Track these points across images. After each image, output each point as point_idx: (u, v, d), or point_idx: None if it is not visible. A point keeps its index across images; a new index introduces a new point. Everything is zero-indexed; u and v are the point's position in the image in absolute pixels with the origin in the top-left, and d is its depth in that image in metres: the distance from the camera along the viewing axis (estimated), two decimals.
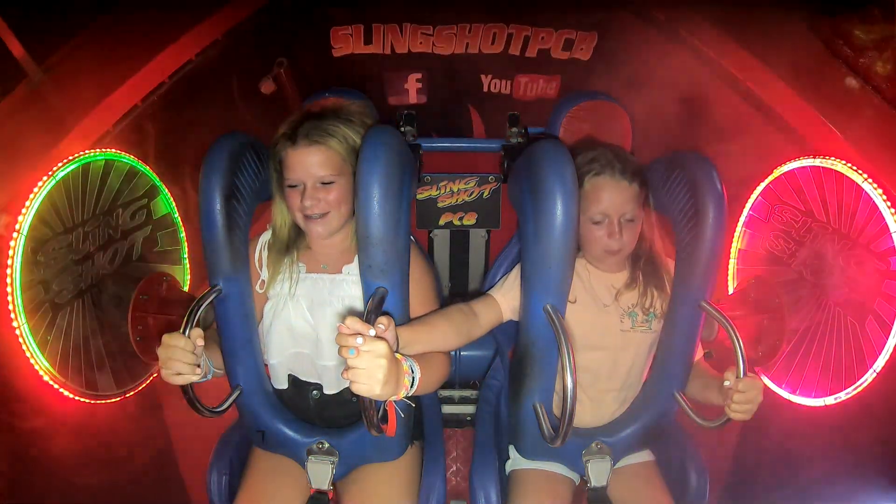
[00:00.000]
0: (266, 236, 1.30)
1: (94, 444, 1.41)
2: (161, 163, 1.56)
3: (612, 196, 1.23)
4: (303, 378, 1.31)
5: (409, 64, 2.32)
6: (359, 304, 1.23)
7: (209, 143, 1.19)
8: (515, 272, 1.30)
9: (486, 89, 2.42)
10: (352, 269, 1.25)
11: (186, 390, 1.11)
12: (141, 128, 1.50)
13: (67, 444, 1.34)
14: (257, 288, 1.27)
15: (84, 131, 1.34)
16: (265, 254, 1.29)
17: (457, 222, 1.85)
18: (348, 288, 1.25)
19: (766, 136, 1.62)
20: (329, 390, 1.29)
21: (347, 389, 1.28)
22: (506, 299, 1.29)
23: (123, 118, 1.43)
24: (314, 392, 1.31)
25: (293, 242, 1.30)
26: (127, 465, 1.52)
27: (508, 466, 1.42)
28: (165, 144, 1.58)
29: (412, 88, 2.40)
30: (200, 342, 1.09)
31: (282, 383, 1.31)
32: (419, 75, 2.37)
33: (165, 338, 1.06)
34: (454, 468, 1.43)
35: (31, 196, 1.24)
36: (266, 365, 1.31)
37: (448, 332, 1.21)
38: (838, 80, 1.45)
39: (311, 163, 1.18)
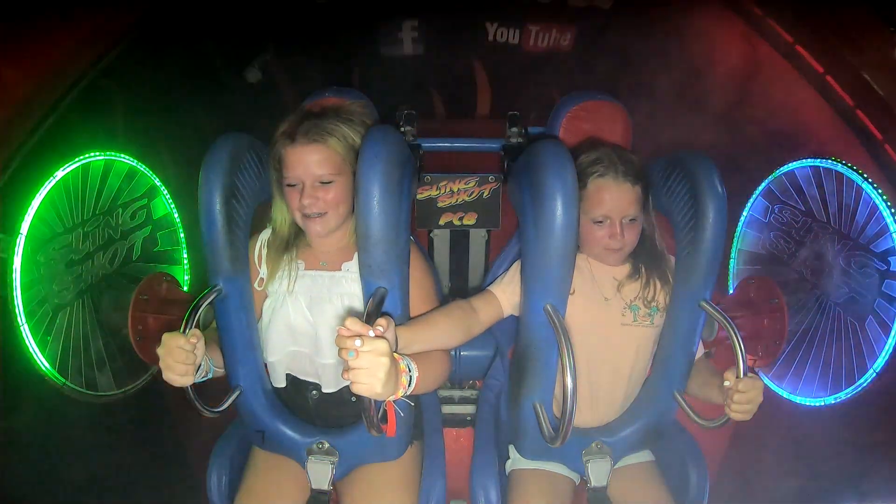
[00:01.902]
0: (266, 234, 1.31)
1: (94, 443, 1.41)
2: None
3: (614, 198, 1.23)
4: (301, 377, 1.30)
5: (403, 9, 2.08)
6: (358, 301, 1.22)
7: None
8: (515, 267, 1.30)
9: (491, 38, 2.16)
10: (351, 267, 1.25)
11: (186, 390, 1.11)
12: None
13: (67, 443, 1.34)
14: (256, 285, 1.27)
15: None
16: (265, 251, 1.29)
17: (457, 222, 1.85)
18: (347, 285, 1.25)
19: (766, 136, 1.62)
20: (327, 389, 1.29)
21: (346, 389, 1.28)
22: (505, 294, 1.29)
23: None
24: (313, 392, 1.31)
25: (293, 240, 1.30)
26: (127, 464, 1.52)
27: (508, 466, 1.42)
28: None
29: (407, 38, 2.14)
30: (199, 343, 1.09)
31: (280, 382, 1.31)
32: (415, 23, 2.12)
33: (165, 338, 1.06)
34: (454, 468, 1.43)
35: (32, 196, 1.24)
36: (265, 364, 1.31)
37: (448, 330, 1.21)
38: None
39: (310, 162, 1.18)
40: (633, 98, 1.76)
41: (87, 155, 1.38)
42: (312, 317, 1.25)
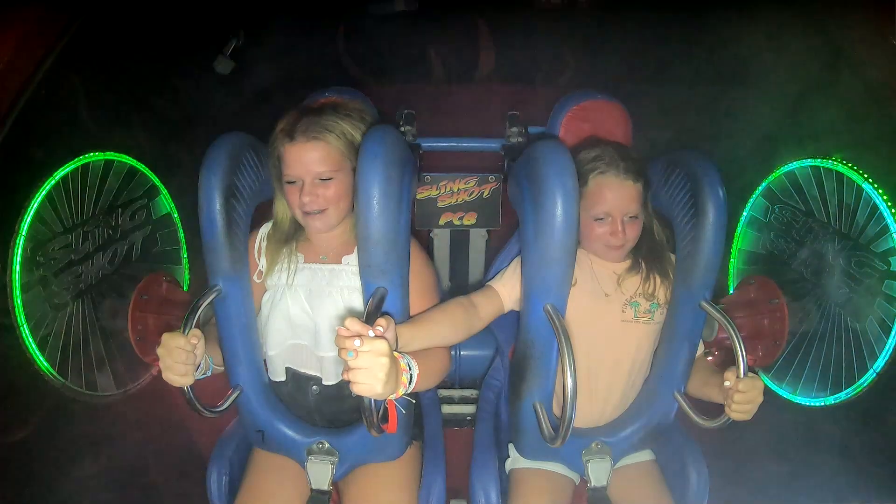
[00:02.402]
0: (267, 228, 1.31)
1: (93, 443, 1.41)
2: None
3: (615, 195, 1.23)
4: (301, 370, 1.30)
5: None
6: (358, 294, 1.23)
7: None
8: (516, 262, 1.30)
9: None
10: (351, 260, 1.25)
11: (186, 390, 1.11)
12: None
13: (67, 444, 1.34)
14: (255, 278, 1.27)
15: None
16: (265, 244, 1.29)
17: (457, 222, 1.85)
18: (347, 278, 1.25)
19: (766, 135, 1.62)
20: (328, 381, 1.29)
21: (347, 383, 1.28)
22: (506, 289, 1.29)
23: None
24: (314, 387, 1.30)
25: (293, 234, 1.30)
26: (127, 464, 1.52)
27: (508, 466, 1.42)
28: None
29: None
30: (199, 343, 1.09)
31: (279, 376, 1.31)
32: None
33: (165, 338, 1.06)
34: (454, 468, 1.43)
35: (31, 196, 1.24)
36: (265, 359, 1.31)
37: (448, 327, 1.21)
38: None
39: (309, 159, 1.18)
40: (648, 66, 1.67)
41: (86, 155, 1.38)
42: (312, 310, 1.25)
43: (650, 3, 1.87)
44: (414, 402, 1.29)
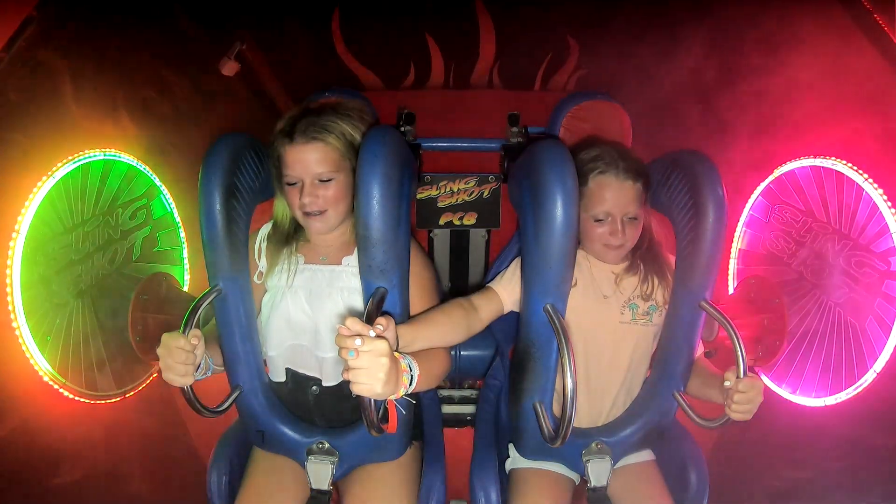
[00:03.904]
0: (267, 228, 1.31)
1: (93, 443, 1.41)
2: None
3: (615, 196, 1.23)
4: (301, 371, 1.30)
5: None
6: (358, 295, 1.23)
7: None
8: (515, 263, 1.31)
9: None
10: (351, 261, 1.25)
11: (186, 390, 1.11)
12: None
13: (67, 444, 1.34)
14: (255, 278, 1.27)
15: None
16: (265, 245, 1.29)
17: (457, 222, 1.85)
18: (347, 279, 1.25)
19: (766, 135, 1.62)
20: (328, 382, 1.29)
21: (347, 382, 1.28)
22: (506, 290, 1.30)
23: None
24: (314, 388, 1.30)
25: (293, 235, 1.30)
26: (128, 464, 1.52)
27: (508, 466, 1.42)
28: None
29: None
30: (199, 343, 1.09)
31: (280, 376, 1.31)
32: None
33: (165, 338, 1.06)
34: (454, 468, 1.43)
35: (31, 196, 1.24)
36: (265, 359, 1.31)
37: (449, 328, 1.21)
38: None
39: (309, 160, 1.18)
40: (650, 48, 1.67)
41: (86, 155, 1.38)
42: (312, 311, 1.25)
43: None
44: (414, 402, 1.29)
